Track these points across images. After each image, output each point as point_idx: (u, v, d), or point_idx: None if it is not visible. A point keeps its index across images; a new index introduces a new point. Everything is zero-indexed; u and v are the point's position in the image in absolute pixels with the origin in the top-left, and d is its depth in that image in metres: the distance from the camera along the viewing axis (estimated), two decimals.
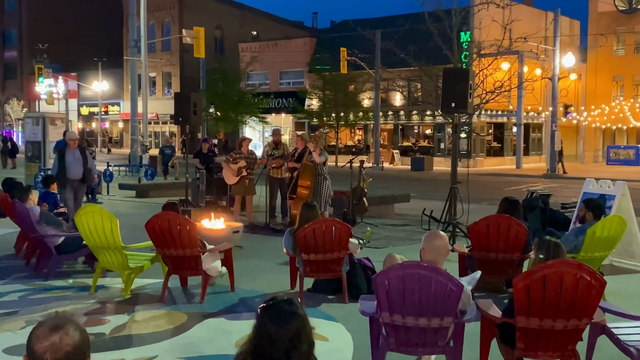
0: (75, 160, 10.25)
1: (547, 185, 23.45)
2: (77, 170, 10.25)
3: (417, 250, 4.53)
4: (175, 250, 6.43)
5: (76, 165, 10.24)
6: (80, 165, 10.25)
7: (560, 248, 4.20)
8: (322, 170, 10.89)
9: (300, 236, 6.42)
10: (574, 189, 21.32)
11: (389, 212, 13.90)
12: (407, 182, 24.93)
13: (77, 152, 10.27)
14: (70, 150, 10.21)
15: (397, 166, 36.88)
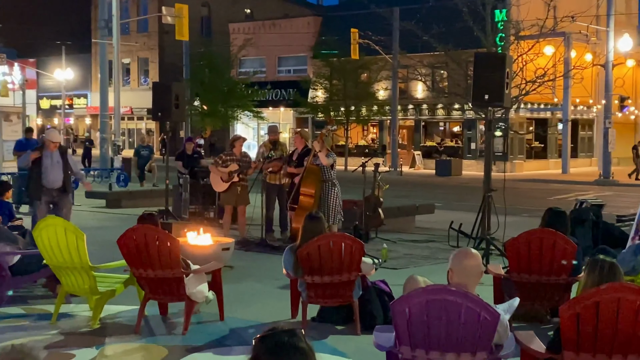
0: (54, 164, 9.92)
1: (599, 193, 23.42)
2: (57, 176, 9.94)
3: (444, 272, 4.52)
4: (154, 271, 6.44)
5: (56, 171, 9.92)
6: (61, 170, 9.94)
7: (616, 269, 4.19)
8: (329, 175, 10.91)
9: (303, 254, 6.43)
10: (631, 198, 21.26)
11: (409, 225, 13.90)
12: (431, 190, 24.92)
13: (57, 154, 9.97)
14: (48, 153, 9.89)
15: (418, 170, 36.90)
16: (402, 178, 31.22)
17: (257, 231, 11.73)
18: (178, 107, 12.49)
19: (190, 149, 15.45)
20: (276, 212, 12.18)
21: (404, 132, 41.91)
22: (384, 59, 34.87)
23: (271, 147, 11.86)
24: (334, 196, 10.88)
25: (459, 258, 4.30)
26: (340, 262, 6.43)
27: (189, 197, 13.79)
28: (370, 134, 43.18)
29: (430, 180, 30.68)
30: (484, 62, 9.96)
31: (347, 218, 11.82)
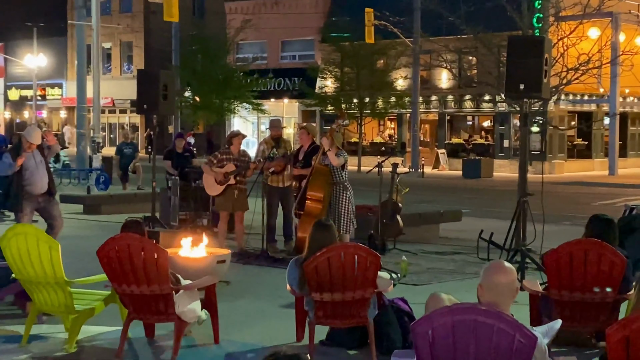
0: (38, 166, 9.78)
1: None
2: (43, 179, 9.82)
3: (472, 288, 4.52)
4: (139, 287, 6.46)
5: (40, 174, 9.79)
6: (45, 171, 9.85)
7: None
8: (340, 176, 10.91)
9: (310, 268, 6.43)
10: None
11: (432, 234, 13.89)
12: (458, 194, 24.88)
13: (37, 152, 9.83)
14: (29, 154, 9.72)
15: (443, 171, 36.87)
16: (424, 180, 31.17)
17: (258, 241, 11.73)
18: (166, 99, 12.52)
19: (180, 147, 15.51)
20: (279, 220, 12.19)
21: (427, 128, 41.86)
22: (403, 44, 34.84)
23: (273, 144, 11.88)
24: (345, 201, 10.88)
25: (490, 273, 4.29)
26: (353, 277, 6.42)
27: (179, 201, 13.81)
28: (387, 129, 43.16)
29: (457, 183, 30.63)
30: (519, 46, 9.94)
31: (361, 226, 11.81)
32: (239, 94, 39.44)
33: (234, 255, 10.47)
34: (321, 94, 39.35)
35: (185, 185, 14.07)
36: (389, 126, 43.14)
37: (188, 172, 14.43)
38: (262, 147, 12.12)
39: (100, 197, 17.91)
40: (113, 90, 48.90)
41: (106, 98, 47.21)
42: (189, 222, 13.60)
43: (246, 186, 11.82)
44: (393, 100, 37.90)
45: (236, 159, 11.55)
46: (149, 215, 13.04)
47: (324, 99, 38.99)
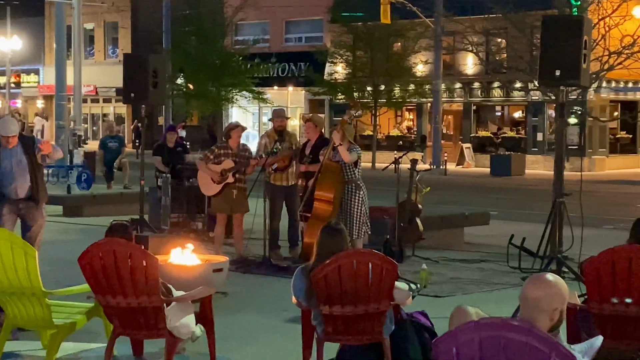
0: (17, 164, 9.17)
1: None
2: (22, 183, 9.18)
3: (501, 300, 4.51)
4: (125, 299, 6.47)
5: (19, 176, 9.16)
6: (27, 173, 9.19)
7: None
8: (352, 174, 10.91)
9: (318, 278, 6.43)
10: None
11: (456, 240, 13.89)
12: (485, 194, 24.85)
13: (19, 150, 9.21)
14: (7, 151, 9.16)
15: (468, 168, 36.83)
16: (447, 178, 31.13)
17: (259, 247, 11.75)
18: (156, 87, 12.54)
19: (172, 141, 15.50)
20: (283, 223, 12.19)
21: (450, 119, 41.79)
22: (423, 24, 34.82)
23: (277, 137, 11.88)
24: (358, 202, 10.88)
25: (525, 284, 4.29)
26: (367, 288, 6.42)
27: (171, 202, 13.83)
28: (405, 121, 43.13)
29: (484, 182, 30.56)
30: (554, 27, 9.92)
31: (376, 231, 11.80)
32: (237, 81, 39.43)
33: (233, 263, 10.47)
34: (330, 81, 39.33)
35: (177, 184, 14.09)
36: (407, 117, 43.09)
37: (181, 169, 14.45)
38: (264, 141, 12.12)
39: (82, 198, 17.94)
40: (96, 77, 48.95)
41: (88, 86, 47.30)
42: (182, 226, 13.61)
43: (246, 185, 11.83)
44: (412, 88, 37.86)
45: (235, 155, 11.56)
46: (137, 217, 13.05)
47: (334, 86, 38.97)
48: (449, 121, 41.57)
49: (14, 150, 9.21)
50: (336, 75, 39.52)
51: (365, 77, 37.39)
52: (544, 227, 11.08)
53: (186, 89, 40.49)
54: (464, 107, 39.94)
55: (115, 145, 21.62)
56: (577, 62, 9.64)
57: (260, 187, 11.72)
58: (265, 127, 40.82)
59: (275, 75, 43.14)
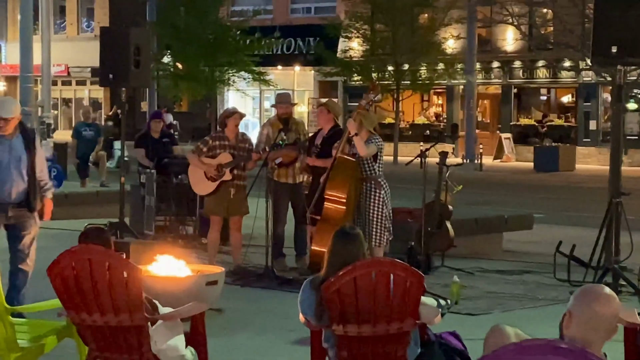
0: (11, 162, 8.84)
1: None
2: (15, 184, 8.85)
3: (547, 319, 4.50)
4: (103, 317, 6.47)
5: (13, 175, 8.84)
6: (23, 172, 8.90)
7: None
8: (371, 170, 10.88)
9: (330, 292, 6.42)
10: None
11: (493, 247, 13.88)
12: (528, 193, 24.80)
13: (18, 142, 8.89)
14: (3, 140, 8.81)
15: (508, 162, 36.78)
16: (483, 175, 31.07)
17: (260, 256, 11.74)
18: (139, 66, 12.55)
19: (157, 130, 15.44)
20: (289, 227, 12.19)
21: (486, 104, 41.74)
22: None
23: (281, 127, 11.87)
24: (378, 203, 10.83)
25: (586, 299, 4.26)
26: (388, 305, 6.40)
27: (156, 203, 13.83)
28: (433, 106, 43.10)
29: (526, 179, 30.50)
30: None
31: (399, 236, 11.78)
32: (235, 59, 39.38)
33: (229, 275, 10.47)
34: (345, 59, 39.30)
35: (164, 181, 14.08)
36: (436, 102, 43.08)
37: (168, 164, 14.40)
38: (267, 131, 12.12)
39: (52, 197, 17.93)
40: (68, 55, 49.04)
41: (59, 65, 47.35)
42: (170, 231, 13.62)
43: (246, 183, 11.82)
44: (441, 67, 37.79)
45: (233, 146, 11.55)
46: (116, 220, 13.07)
47: (349, 66, 38.91)
48: (484, 107, 41.52)
49: (13, 142, 8.89)
50: (351, 53, 39.48)
51: (386, 54, 37.35)
52: (597, 232, 11.04)
53: (174, 69, 40.45)
54: (503, 90, 39.87)
55: (90, 135, 21.59)
56: (637, 37, 9.60)
57: (262, 185, 11.69)
58: (267, 114, 40.85)
59: (280, 52, 43.13)
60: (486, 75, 39.52)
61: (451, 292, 10.09)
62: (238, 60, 39.33)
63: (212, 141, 11.64)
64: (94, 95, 52.16)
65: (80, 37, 51.32)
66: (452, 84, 39.28)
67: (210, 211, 11.81)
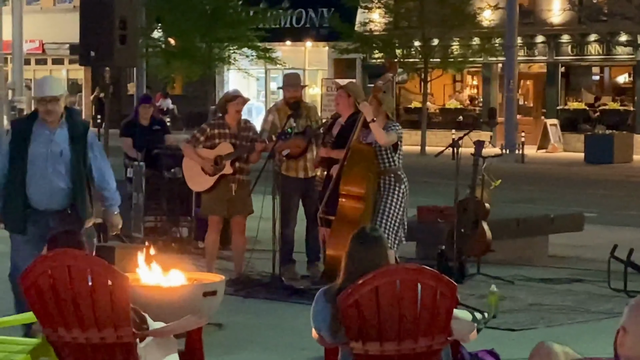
0: (50, 157, 8.50)
1: None
2: (55, 184, 8.52)
3: (601, 335, 4.51)
4: (84, 333, 6.49)
5: (51, 176, 8.50)
6: (64, 171, 8.56)
7: None
8: (390, 161, 10.86)
9: (348, 303, 6.43)
10: None
11: (537, 252, 13.86)
12: (577, 189, 24.79)
13: (61, 133, 8.54)
14: (44, 128, 8.51)
15: (554, 153, 36.70)
16: (525, 167, 31.03)
17: (266, 262, 11.76)
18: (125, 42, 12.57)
19: (147, 117, 15.39)
20: (299, 229, 12.21)
21: (529, 86, 41.65)
22: None
23: (290, 112, 11.88)
24: (397, 199, 10.78)
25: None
26: (415, 319, 6.41)
27: (145, 201, 13.86)
28: (467, 88, 43.03)
29: (576, 172, 30.45)
30: None
31: (427, 239, 11.78)
32: (236, 34, 39.41)
33: (231, 284, 10.50)
34: (364, 33, 39.27)
35: (154, 175, 14.10)
36: (470, 83, 42.99)
37: (159, 155, 14.40)
38: (272, 117, 12.14)
39: None
40: (43, 30, 49.15)
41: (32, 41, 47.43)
42: (161, 233, 13.65)
43: (249, 177, 11.85)
44: (476, 43, 37.71)
45: (234, 135, 11.57)
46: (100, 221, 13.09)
47: (368, 41, 38.87)
48: (527, 88, 41.45)
49: (57, 134, 8.51)
50: (372, 26, 39.44)
51: (412, 27, 37.30)
52: None
53: (166, 45, 40.49)
54: (548, 70, 39.77)
55: None
56: None
57: (269, 180, 11.72)
58: (274, 97, 40.88)
59: (288, 25, 43.16)
60: (529, 52, 39.45)
61: (488, 303, 10.08)
62: (240, 34, 39.37)
63: (211, 129, 11.65)
64: (72, 76, 52.20)
65: (56, 9, 51.38)
66: (489, 61, 39.19)
67: (208, 210, 11.82)
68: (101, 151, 8.96)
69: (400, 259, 10.85)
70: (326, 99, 38.53)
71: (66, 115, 8.56)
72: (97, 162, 8.70)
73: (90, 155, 8.62)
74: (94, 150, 8.70)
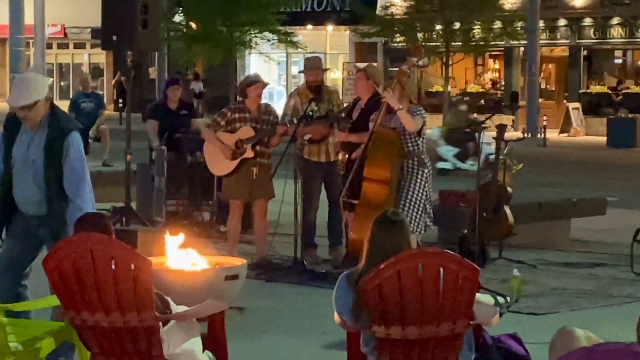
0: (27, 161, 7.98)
1: None
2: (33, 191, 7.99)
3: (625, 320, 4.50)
4: (107, 316, 6.51)
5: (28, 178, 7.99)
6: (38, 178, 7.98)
7: None
8: (415, 146, 10.84)
9: (370, 288, 6.43)
10: None
11: (559, 236, 13.87)
12: (600, 172, 24.73)
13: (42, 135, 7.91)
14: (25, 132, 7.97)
15: (577, 137, 36.60)
16: (547, 151, 30.95)
17: (288, 246, 11.79)
18: (147, 26, 12.56)
19: (175, 99, 15.15)
20: (321, 213, 12.22)
21: (551, 69, 41.52)
22: None
23: (311, 96, 11.88)
24: (421, 184, 10.76)
25: None
26: (437, 303, 6.41)
27: (167, 185, 13.86)
28: (488, 72, 42.92)
29: (599, 156, 30.37)
30: None
31: (449, 223, 11.77)
32: (257, 18, 39.31)
33: (252, 268, 10.51)
34: (385, 17, 39.19)
35: (176, 159, 14.09)
36: (492, 67, 42.88)
37: (180, 139, 14.30)
38: (294, 102, 12.14)
39: None
40: (65, 14, 49.12)
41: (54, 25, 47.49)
42: (183, 217, 13.65)
43: (270, 161, 11.85)
44: (498, 26, 37.59)
45: (255, 119, 11.57)
46: (122, 205, 13.12)
47: (390, 24, 38.79)
48: (549, 72, 41.32)
49: (36, 137, 7.93)
50: (393, 10, 39.35)
51: (434, 11, 37.19)
52: None
53: (187, 29, 40.47)
54: (571, 53, 39.63)
55: (90, 106, 21.67)
56: None
57: (290, 164, 11.72)
58: (295, 81, 40.86)
59: (309, 9, 43.10)
60: (551, 35, 39.30)
61: (510, 288, 10.05)
62: (261, 18, 39.23)
63: (231, 113, 11.64)
64: (94, 60, 52.28)
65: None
66: (510, 45, 39.05)
67: (229, 194, 11.83)
68: (75, 160, 7.87)
69: (422, 243, 10.83)
70: (347, 83, 38.50)
71: (49, 119, 7.88)
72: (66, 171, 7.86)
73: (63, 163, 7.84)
74: (67, 158, 7.82)
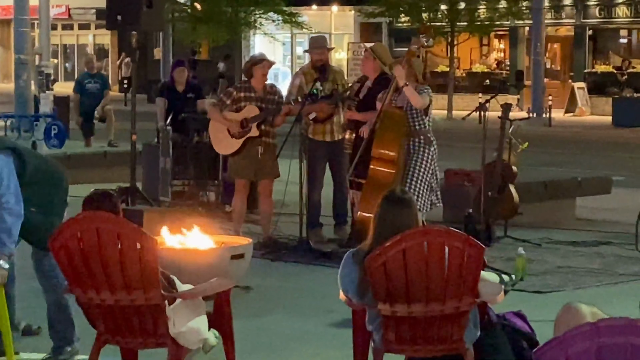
0: None
1: None
2: None
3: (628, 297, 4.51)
4: (113, 295, 6.52)
5: None
6: None
7: None
8: (421, 124, 10.84)
9: (376, 265, 6.44)
10: None
11: (565, 215, 13.88)
12: (605, 151, 24.70)
13: None
14: None
15: (582, 116, 36.56)
16: (553, 130, 30.94)
17: (294, 225, 11.79)
18: (152, 6, 12.54)
19: (182, 81, 15.10)
20: (327, 193, 12.21)
21: (556, 49, 41.43)
22: None
23: (316, 76, 11.86)
24: (427, 162, 10.78)
25: None
26: (443, 281, 6.42)
27: (173, 165, 13.86)
28: (493, 51, 42.84)
29: (604, 135, 30.34)
30: None
31: (454, 202, 11.76)
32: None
33: (258, 247, 10.51)
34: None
35: (182, 139, 14.09)
36: (497, 47, 42.79)
37: (186, 120, 14.30)
38: (299, 81, 12.12)
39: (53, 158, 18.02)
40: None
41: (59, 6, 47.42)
42: (188, 197, 13.66)
43: (276, 141, 11.84)
44: (503, 6, 37.51)
45: (260, 99, 11.57)
46: (127, 185, 13.13)
47: (395, 4, 38.68)
48: (554, 52, 41.23)
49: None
50: None
51: None
52: None
53: (192, 9, 40.39)
54: (576, 32, 39.54)
55: (96, 87, 21.70)
56: None
57: (295, 144, 11.71)
58: (300, 62, 40.77)
59: None
60: (556, 15, 39.20)
61: (516, 266, 10.09)
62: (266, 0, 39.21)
63: (237, 93, 11.65)
64: (99, 41, 52.26)
65: None
66: (516, 25, 38.97)
67: (235, 174, 11.84)
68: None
69: (427, 222, 10.82)
70: (352, 63, 38.37)
71: None
72: None
73: None
74: None
